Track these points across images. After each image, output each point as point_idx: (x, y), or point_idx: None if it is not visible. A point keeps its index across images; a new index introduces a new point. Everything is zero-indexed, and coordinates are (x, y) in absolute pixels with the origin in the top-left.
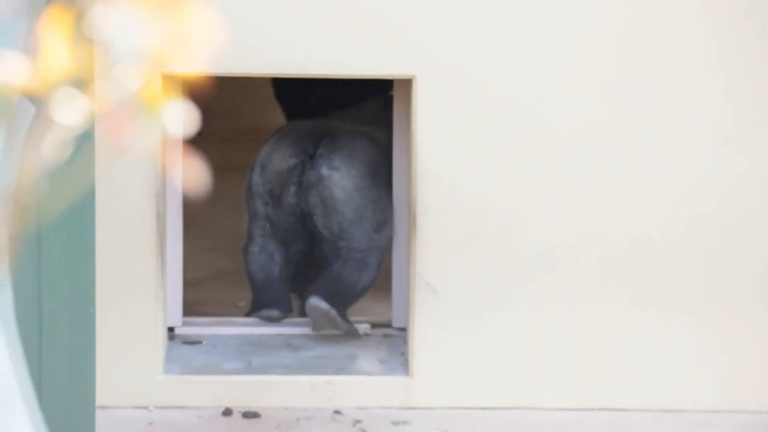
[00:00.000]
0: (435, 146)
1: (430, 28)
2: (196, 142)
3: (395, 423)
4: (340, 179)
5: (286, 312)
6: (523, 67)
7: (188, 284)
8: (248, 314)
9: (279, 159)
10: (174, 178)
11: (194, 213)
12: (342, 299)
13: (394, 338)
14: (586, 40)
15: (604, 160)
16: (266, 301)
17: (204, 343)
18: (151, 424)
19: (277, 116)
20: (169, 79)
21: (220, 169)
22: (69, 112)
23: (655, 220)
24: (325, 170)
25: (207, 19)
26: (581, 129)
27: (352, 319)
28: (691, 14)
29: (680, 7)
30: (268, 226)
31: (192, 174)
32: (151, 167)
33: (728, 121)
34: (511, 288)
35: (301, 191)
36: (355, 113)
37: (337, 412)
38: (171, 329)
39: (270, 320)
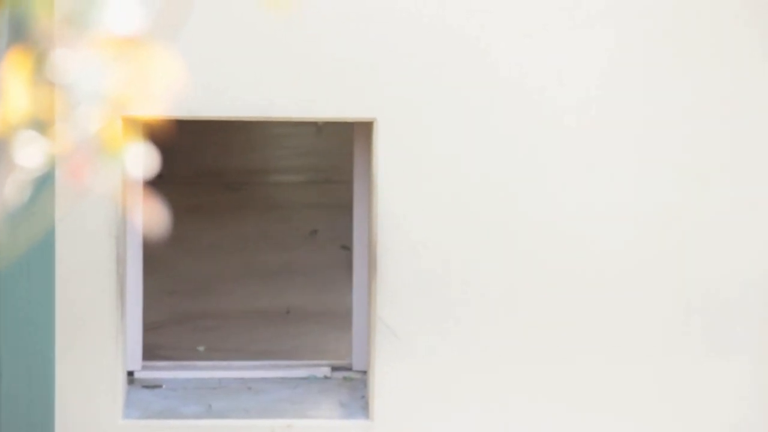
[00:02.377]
0: (396, 188)
1: (390, 73)
2: (157, 185)
3: None
4: None
5: None
6: (483, 110)
7: (148, 328)
8: None
9: None
10: (134, 220)
11: (154, 255)
12: None
13: (354, 381)
14: (557, 84)
15: (566, 200)
16: None
17: (164, 387)
18: None
19: (236, 159)
20: (129, 122)
21: (180, 211)
22: (29, 154)
23: (616, 259)
24: None
25: (168, 62)
26: (544, 171)
27: (311, 361)
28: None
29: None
30: None
31: (152, 216)
32: (111, 209)
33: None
34: (473, 330)
35: None
36: None
37: None
38: (131, 373)
39: None
